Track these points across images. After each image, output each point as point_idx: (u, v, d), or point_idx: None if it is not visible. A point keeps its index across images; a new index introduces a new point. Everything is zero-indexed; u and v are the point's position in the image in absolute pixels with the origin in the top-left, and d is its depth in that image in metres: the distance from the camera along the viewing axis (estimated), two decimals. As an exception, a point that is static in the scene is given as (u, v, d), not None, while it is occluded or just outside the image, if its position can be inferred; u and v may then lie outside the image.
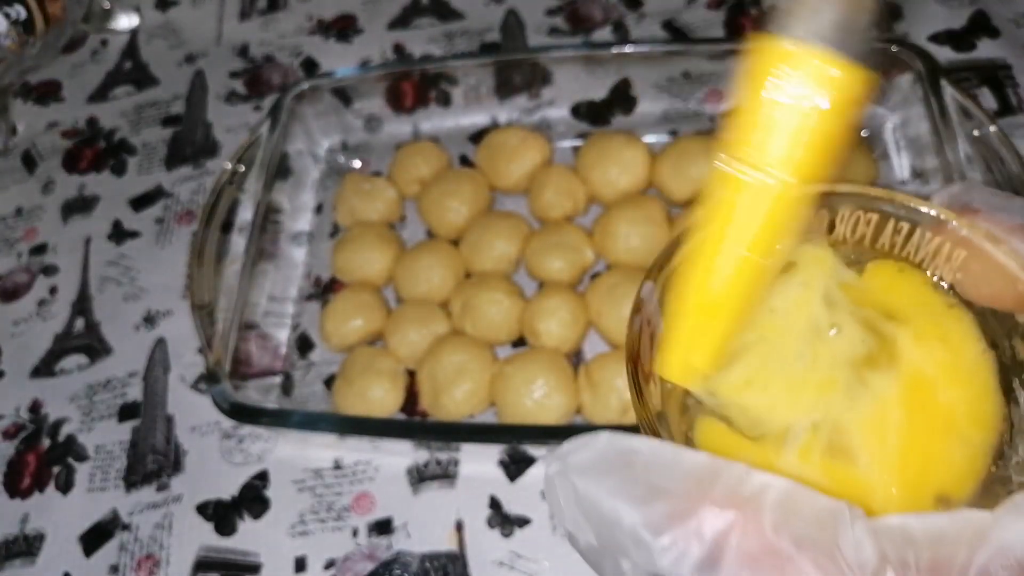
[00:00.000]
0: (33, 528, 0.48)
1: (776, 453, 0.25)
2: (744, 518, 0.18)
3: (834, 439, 0.25)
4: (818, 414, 0.25)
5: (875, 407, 0.25)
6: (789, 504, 0.19)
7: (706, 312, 0.25)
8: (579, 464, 0.20)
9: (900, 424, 0.24)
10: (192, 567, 0.45)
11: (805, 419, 0.25)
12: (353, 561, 0.44)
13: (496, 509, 0.44)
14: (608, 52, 0.54)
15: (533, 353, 0.46)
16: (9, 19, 0.61)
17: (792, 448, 0.25)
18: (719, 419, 0.26)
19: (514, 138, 0.54)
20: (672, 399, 0.26)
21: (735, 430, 0.26)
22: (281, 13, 0.69)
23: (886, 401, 0.25)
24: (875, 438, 0.24)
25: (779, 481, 0.19)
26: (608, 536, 0.20)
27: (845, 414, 0.25)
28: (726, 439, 0.25)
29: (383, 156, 0.59)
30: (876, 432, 0.24)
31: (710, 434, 0.26)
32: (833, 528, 0.18)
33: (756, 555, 0.18)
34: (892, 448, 0.24)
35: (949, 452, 0.24)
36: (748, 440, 0.25)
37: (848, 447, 0.24)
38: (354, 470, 0.46)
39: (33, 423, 0.52)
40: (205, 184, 0.60)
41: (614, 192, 0.51)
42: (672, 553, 0.18)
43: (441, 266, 0.50)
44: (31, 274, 0.59)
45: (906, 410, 0.24)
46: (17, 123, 0.67)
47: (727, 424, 0.26)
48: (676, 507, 0.19)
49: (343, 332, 0.50)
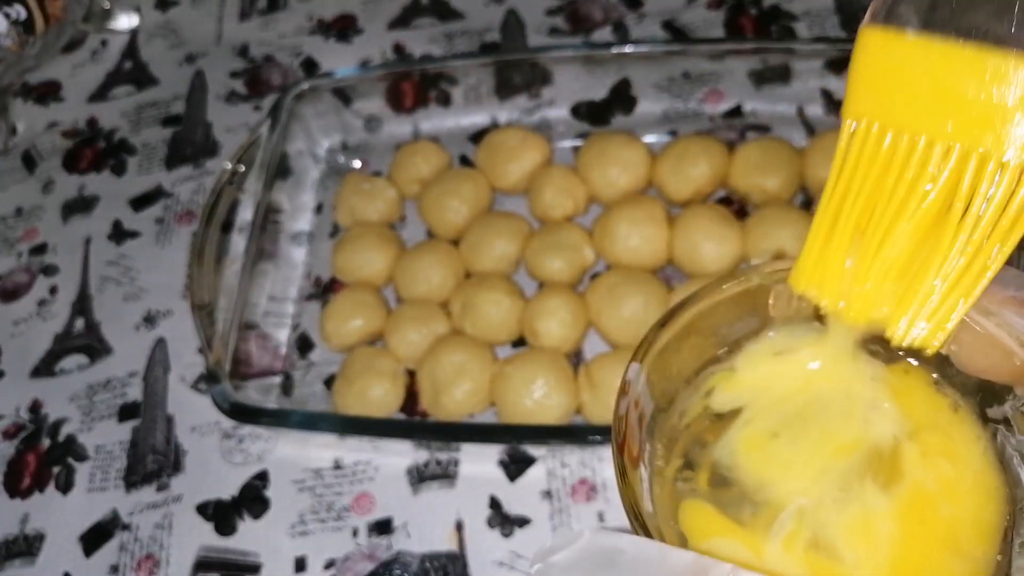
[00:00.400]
0: (33, 528, 0.48)
1: (762, 540, 0.25)
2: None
3: (819, 533, 0.24)
4: (808, 499, 0.25)
5: (863, 517, 0.24)
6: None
7: (845, 232, 0.24)
8: (562, 564, 0.21)
9: (894, 536, 0.24)
10: (192, 567, 0.45)
11: (798, 500, 0.25)
12: (353, 561, 0.44)
13: (496, 509, 0.44)
14: (608, 52, 0.54)
15: (533, 353, 0.46)
16: (9, 19, 0.61)
17: (777, 537, 0.25)
18: (707, 501, 0.26)
19: (514, 138, 0.54)
20: (662, 481, 0.26)
21: (723, 513, 0.26)
22: (281, 13, 0.69)
23: (877, 513, 0.24)
24: (862, 544, 0.24)
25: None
26: None
27: (831, 515, 0.25)
28: (712, 522, 0.25)
29: (383, 156, 0.59)
30: (863, 539, 0.24)
31: (696, 517, 0.26)
32: None
33: None
34: (883, 556, 0.24)
35: (948, 566, 0.24)
36: (734, 524, 0.25)
37: (832, 545, 0.24)
38: (354, 470, 0.46)
39: (33, 423, 0.52)
40: (205, 184, 0.60)
41: (614, 192, 0.51)
42: None
43: (441, 266, 0.50)
44: (31, 274, 0.59)
45: (904, 524, 0.24)
46: (17, 123, 0.67)
47: (715, 506, 0.26)
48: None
49: (343, 332, 0.50)
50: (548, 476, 0.44)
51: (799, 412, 0.27)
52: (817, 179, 0.49)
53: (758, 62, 0.54)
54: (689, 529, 0.26)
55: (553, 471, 0.45)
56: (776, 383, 0.28)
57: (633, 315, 0.46)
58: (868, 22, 0.24)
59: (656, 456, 0.27)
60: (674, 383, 0.28)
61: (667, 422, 0.28)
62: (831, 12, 0.59)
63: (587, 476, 0.44)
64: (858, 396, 0.27)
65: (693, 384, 0.28)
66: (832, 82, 0.53)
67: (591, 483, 0.44)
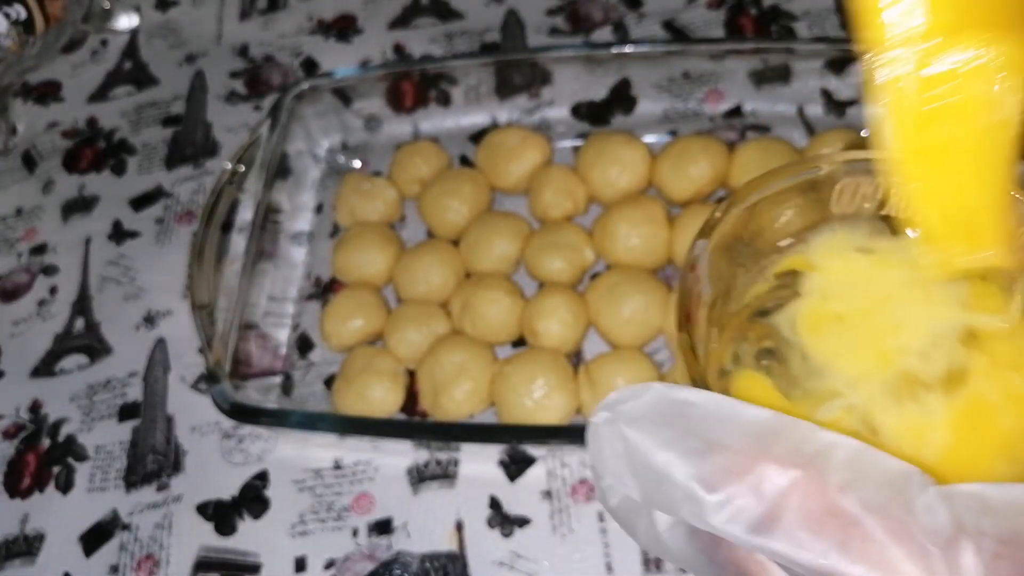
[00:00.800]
0: (33, 528, 0.48)
1: (806, 419, 0.24)
2: (807, 477, 0.17)
3: (864, 427, 0.24)
4: (860, 392, 0.24)
5: (916, 418, 0.24)
6: (857, 465, 0.17)
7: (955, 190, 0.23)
8: (631, 414, 0.19)
9: (944, 440, 0.23)
10: (192, 567, 0.45)
11: (848, 393, 0.24)
12: (353, 561, 0.44)
13: (496, 509, 0.44)
14: (608, 52, 0.54)
15: (533, 353, 0.46)
16: (9, 19, 0.61)
17: (823, 419, 0.24)
18: (762, 373, 0.25)
19: (514, 138, 0.54)
20: (712, 360, 0.25)
21: (775, 386, 0.25)
22: (281, 13, 0.69)
23: (931, 418, 0.24)
24: (909, 441, 0.24)
25: (849, 440, 0.18)
26: (655, 490, 0.19)
27: (882, 411, 0.24)
28: (764, 395, 0.25)
29: (383, 156, 0.59)
30: (912, 439, 0.24)
31: (750, 387, 0.25)
32: (904, 492, 0.17)
33: (819, 516, 0.17)
34: (930, 455, 0.23)
35: (996, 469, 0.23)
36: (783, 399, 0.25)
37: (877, 437, 0.24)
38: (354, 470, 0.46)
39: (33, 423, 0.52)
40: (205, 184, 0.60)
41: (614, 192, 0.51)
42: (726, 510, 0.17)
43: (441, 266, 0.50)
44: (31, 274, 0.59)
45: (957, 431, 0.24)
46: (17, 123, 0.67)
47: (769, 378, 0.25)
48: (733, 463, 0.18)
49: (343, 332, 0.50)
50: (548, 476, 0.44)
51: (869, 304, 0.26)
52: (817, 179, 0.49)
53: (758, 62, 0.54)
54: (740, 399, 0.25)
55: (553, 471, 0.45)
56: (851, 275, 0.27)
57: (633, 315, 0.46)
58: None
59: (711, 339, 0.26)
60: (733, 268, 0.27)
61: (724, 307, 0.27)
62: (831, 12, 0.59)
63: (587, 476, 0.44)
64: (933, 298, 0.26)
65: (755, 270, 0.27)
66: (832, 82, 0.53)
67: (591, 483, 0.44)
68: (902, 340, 0.25)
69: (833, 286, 0.27)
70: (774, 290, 0.27)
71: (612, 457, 0.19)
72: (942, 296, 0.26)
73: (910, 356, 0.25)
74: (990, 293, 0.27)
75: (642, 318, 0.46)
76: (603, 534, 0.42)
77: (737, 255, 0.27)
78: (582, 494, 0.44)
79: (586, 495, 0.44)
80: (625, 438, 0.19)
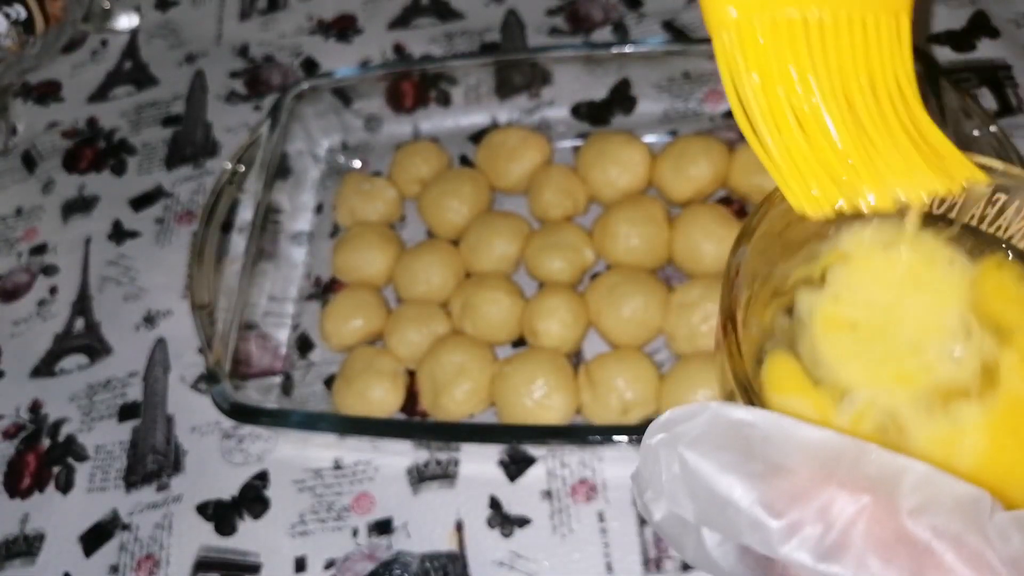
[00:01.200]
0: (33, 528, 0.48)
1: (831, 408, 0.24)
2: (876, 502, 0.17)
3: (891, 428, 0.23)
4: (881, 399, 0.24)
5: (950, 429, 0.23)
6: (927, 490, 0.17)
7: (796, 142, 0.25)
8: (689, 435, 0.19)
9: (979, 446, 0.23)
10: (192, 567, 0.45)
11: (863, 392, 0.24)
12: (353, 561, 0.44)
13: (496, 509, 0.44)
14: (608, 52, 0.54)
15: (533, 353, 0.46)
16: (9, 19, 0.61)
17: (847, 411, 0.24)
18: (790, 350, 0.25)
19: (514, 138, 0.54)
20: (747, 352, 0.25)
21: (802, 368, 0.25)
22: (281, 13, 0.69)
23: (964, 427, 0.23)
24: (942, 453, 0.23)
25: (917, 465, 0.17)
26: (717, 514, 0.18)
27: (913, 420, 0.23)
28: (793, 378, 0.25)
29: (383, 156, 0.59)
30: (944, 449, 0.23)
31: (780, 368, 0.25)
32: (975, 518, 0.16)
33: (890, 543, 0.16)
34: (963, 464, 0.23)
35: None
36: (811, 384, 0.24)
37: (901, 438, 0.23)
38: (354, 470, 0.46)
39: (33, 423, 0.52)
40: (205, 184, 0.60)
41: (614, 192, 0.51)
42: (794, 538, 0.17)
43: (441, 266, 0.50)
44: (31, 274, 0.59)
45: (993, 434, 0.23)
46: (17, 123, 0.67)
47: (796, 356, 0.25)
48: (798, 487, 0.17)
49: (343, 332, 0.50)
50: (548, 476, 0.44)
51: (884, 318, 0.26)
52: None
53: (758, 62, 0.54)
54: (770, 379, 0.25)
55: (553, 471, 0.45)
56: (872, 274, 0.27)
57: (633, 315, 0.46)
58: None
59: (748, 333, 0.26)
60: (768, 265, 0.27)
61: (757, 302, 0.27)
62: (831, 12, 0.59)
63: (587, 476, 0.44)
64: (950, 298, 0.26)
65: (793, 261, 0.27)
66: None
67: (591, 483, 0.44)
68: (923, 358, 0.25)
69: (852, 285, 0.27)
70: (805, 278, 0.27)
71: (668, 479, 0.19)
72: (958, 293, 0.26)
73: (934, 370, 0.24)
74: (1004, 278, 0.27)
75: (642, 318, 0.46)
76: (603, 534, 0.42)
77: (772, 252, 0.27)
78: (582, 494, 0.44)
79: (586, 495, 0.44)
80: (684, 460, 0.19)
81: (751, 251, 0.26)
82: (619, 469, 0.44)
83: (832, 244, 0.28)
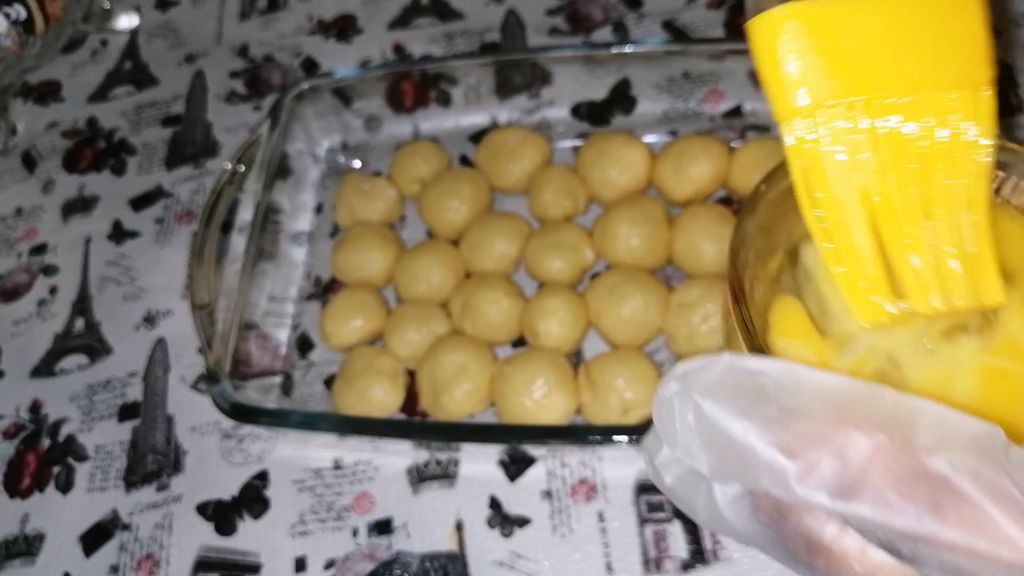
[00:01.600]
0: (33, 528, 0.48)
1: (834, 355, 0.24)
2: (892, 441, 0.17)
3: (888, 369, 0.24)
4: (882, 340, 0.24)
5: (942, 365, 0.24)
6: (942, 428, 0.17)
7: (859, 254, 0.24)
8: (704, 384, 0.19)
9: (970, 385, 0.23)
10: (192, 567, 0.45)
11: (868, 337, 0.24)
12: (353, 561, 0.44)
13: (496, 509, 0.44)
14: (608, 52, 0.54)
15: (533, 353, 0.46)
16: (9, 19, 0.61)
17: (848, 358, 0.24)
18: (799, 299, 0.25)
19: (514, 138, 0.54)
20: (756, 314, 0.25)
21: (810, 315, 0.25)
22: (281, 13, 0.69)
23: (958, 363, 0.24)
24: (935, 387, 0.23)
25: (931, 404, 0.17)
26: (732, 461, 0.18)
27: (911, 361, 0.24)
28: (797, 323, 0.25)
29: (383, 156, 0.59)
30: (942, 383, 0.23)
31: (786, 313, 0.25)
32: (992, 453, 0.16)
33: (908, 479, 0.16)
34: (957, 400, 0.23)
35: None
36: (816, 332, 0.24)
37: (900, 381, 0.23)
38: (354, 470, 0.46)
39: (33, 423, 0.52)
40: (205, 184, 0.60)
41: (614, 192, 0.51)
42: (811, 476, 0.17)
43: (441, 266, 0.50)
44: (31, 274, 0.59)
45: (985, 376, 0.23)
46: (17, 123, 0.67)
47: (802, 302, 0.25)
48: (814, 429, 0.17)
49: (343, 332, 0.50)
50: (548, 476, 0.44)
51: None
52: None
53: (758, 62, 0.54)
54: (775, 322, 0.25)
55: (553, 471, 0.45)
56: None
57: (633, 315, 0.46)
58: (757, 11, 0.23)
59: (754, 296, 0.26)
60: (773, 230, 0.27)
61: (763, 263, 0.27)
62: (831, 12, 0.59)
63: (587, 476, 0.44)
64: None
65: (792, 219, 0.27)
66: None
67: (591, 483, 0.44)
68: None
69: None
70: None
71: (682, 428, 0.19)
72: None
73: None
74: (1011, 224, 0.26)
75: (642, 318, 0.46)
76: (603, 534, 0.42)
77: (774, 219, 0.27)
78: (582, 494, 0.44)
79: (586, 495, 0.44)
80: (699, 408, 0.19)
81: (754, 225, 0.26)
82: (619, 469, 0.44)
83: None
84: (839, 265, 0.24)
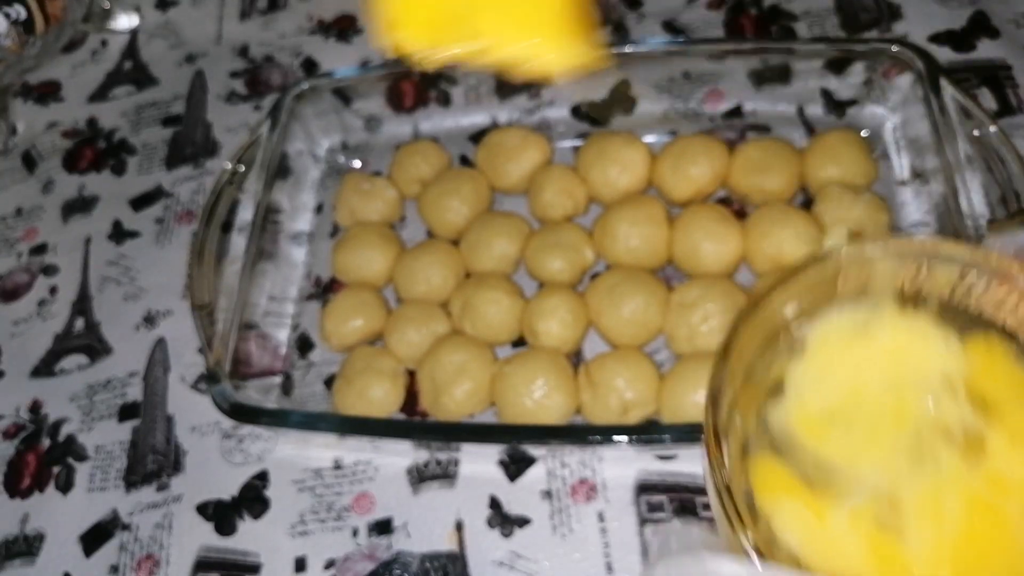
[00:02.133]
0: (33, 528, 0.48)
1: (829, 507, 0.24)
2: None
3: (889, 514, 0.24)
4: (883, 479, 0.24)
5: (939, 486, 0.24)
6: None
7: None
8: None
9: (961, 522, 0.23)
10: (192, 567, 0.45)
11: (872, 481, 0.24)
12: (353, 561, 0.44)
13: (496, 509, 0.44)
14: (608, 52, 0.54)
15: (533, 353, 0.46)
16: (9, 19, 0.61)
17: (845, 508, 0.24)
18: (776, 455, 0.25)
19: (514, 138, 0.54)
20: (733, 442, 0.26)
21: (791, 471, 0.25)
22: (281, 13, 0.69)
23: (953, 486, 0.24)
24: (931, 522, 0.23)
25: None
26: None
27: (907, 483, 0.24)
28: (781, 480, 0.25)
29: (383, 156, 0.59)
30: (933, 515, 0.23)
31: (767, 473, 0.25)
32: None
33: None
34: (948, 538, 0.23)
35: (1014, 563, 0.23)
36: (801, 485, 0.25)
37: (900, 525, 0.24)
38: (354, 470, 0.46)
39: (33, 423, 0.52)
40: (205, 184, 0.60)
41: (614, 192, 0.51)
42: None
43: (441, 266, 0.50)
44: (31, 274, 0.59)
45: (974, 510, 0.24)
46: (17, 123, 0.67)
47: (783, 462, 0.25)
48: None
49: (343, 332, 0.50)
50: (548, 476, 0.44)
51: (856, 394, 0.26)
52: (817, 179, 0.49)
53: (758, 62, 0.54)
54: (758, 484, 0.25)
55: (553, 471, 0.45)
56: (847, 362, 0.27)
57: (633, 315, 0.46)
58: None
59: (733, 425, 0.26)
60: (747, 364, 0.28)
61: (743, 395, 0.27)
62: (831, 12, 0.59)
63: (587, 476, 0.44)
64: (933, 374, 0.26)
65: (765, 359, 0.28)
66: (832, 82, 0.53)
67: (591, 483, 0.44)
68: (910, 422, 0.25)
69: (813, 378, 0.27)
70: (775, 396, 0.27)
71: None
72: (934, 359, 0.26)
73: (919, 436, 0.25)
74: (993, 357, 0.27)
75: (642, 318, 0.46)
76: (603, 534, 0.42)
77: (752, 354, 0.28)
78: (582, 494, 0.44)
79: (586, 495, 0.44)
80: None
81: (729, 370, 0.26)
82: (619, 469, 0.44)
83: (800, 336, 0.28)
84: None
